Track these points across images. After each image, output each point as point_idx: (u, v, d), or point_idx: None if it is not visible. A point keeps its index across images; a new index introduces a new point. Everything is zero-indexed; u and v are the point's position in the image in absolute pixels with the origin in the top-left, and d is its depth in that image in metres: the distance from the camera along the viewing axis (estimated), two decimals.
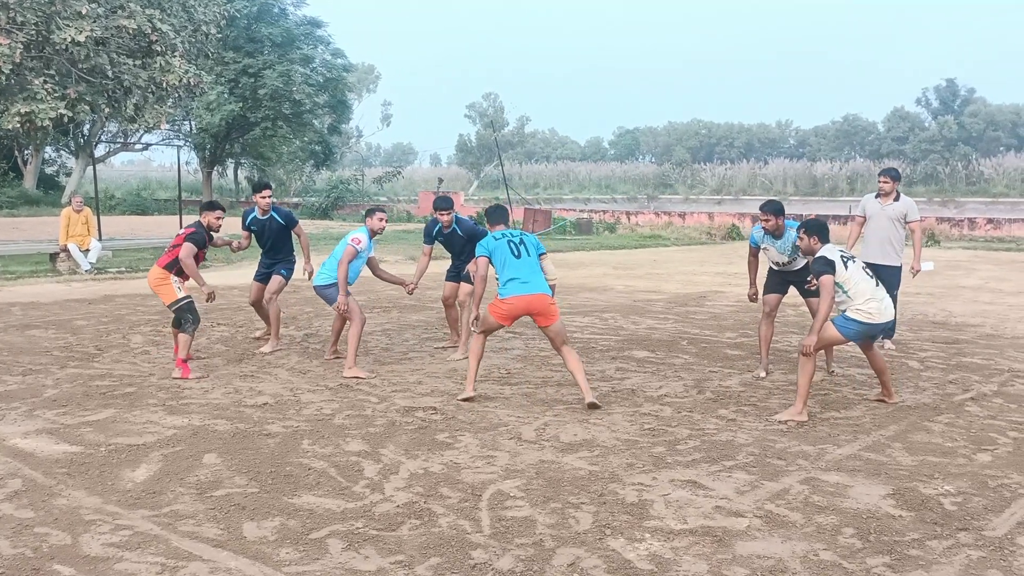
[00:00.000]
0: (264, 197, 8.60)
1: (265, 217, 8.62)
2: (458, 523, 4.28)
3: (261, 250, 8.84)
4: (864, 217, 8.99)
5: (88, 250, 15.55)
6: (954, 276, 15.93)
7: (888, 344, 8.85)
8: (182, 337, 7.45)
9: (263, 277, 8.72)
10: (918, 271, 8.91)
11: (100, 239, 16.56)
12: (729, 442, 5.63)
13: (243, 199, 42.19)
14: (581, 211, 34.92)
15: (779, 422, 6.10)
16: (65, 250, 15.53)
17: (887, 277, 8.89)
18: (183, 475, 4.95)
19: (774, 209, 7.37)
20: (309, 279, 8.87)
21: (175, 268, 7.47)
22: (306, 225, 11.30)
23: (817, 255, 6.34)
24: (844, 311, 6.28)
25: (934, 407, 6.57)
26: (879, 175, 9.03)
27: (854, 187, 57.77)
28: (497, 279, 6.61)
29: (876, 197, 8.92)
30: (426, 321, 10.42)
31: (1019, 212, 34.69)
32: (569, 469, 5.08)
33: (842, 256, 6.29)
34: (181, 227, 17.13)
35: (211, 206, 7.86)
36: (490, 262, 6.68)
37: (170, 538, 4.09)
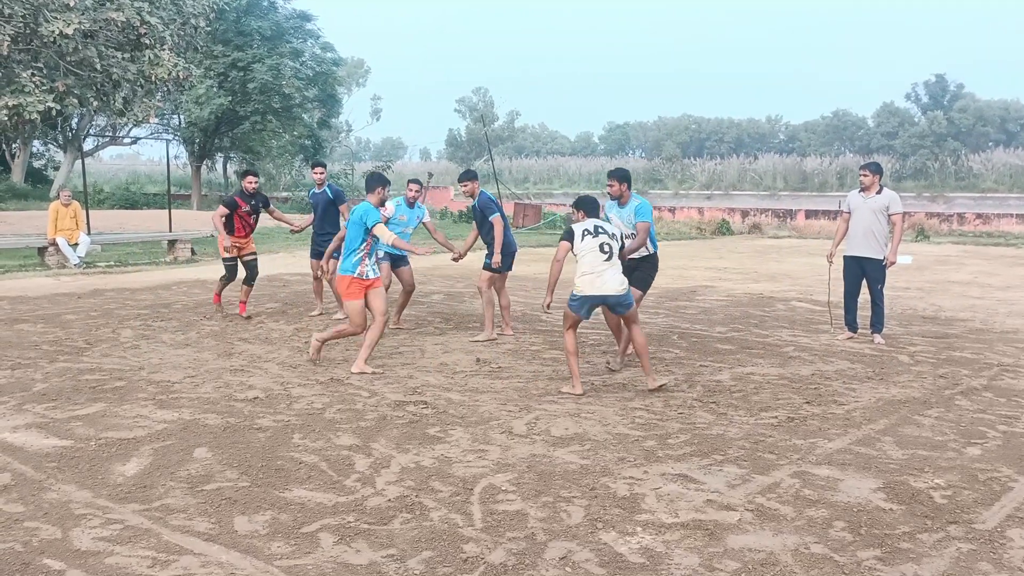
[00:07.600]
0: (319, 174, 10.04)
1: (320, 192, 10.09)
2: (450, 517, 4.28)
3: (313, 228, 10.21)
4: (849, 212, 9.07)
5: (77, 244, 15.48)
6: (943, 271, 16.01)
7: (878, 339, 8.89)
8: (219, 284, 10.17)
9: (316, 255, 10.02)
10: (892, 263, 8.92)
11: (89, 233, 16.49)
12: (720, 436, 5.65)
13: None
14: (571, 206, 34.87)
15: (560, 392, 6.63)
16: (53, 244, 15.46)
17: (871, 271, 8.92)
18: (174, 469, 4.93)
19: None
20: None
21: (228, 227, 9.72)
22: (296, 220, 11.48)
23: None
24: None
25: (924, 401, 6.60)
26: (860, 169, 9.16)
27: (844, 182, 58.07)
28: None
29: (859, 192, 9.01)
30: (416, 315, 10.41)
31: (1007, 207, 34.91)
32: (560, 463, 5.09)
33: (586, 230, 6.62)
34: (170, 221, 17.92)
35: (245, 172, 9.95)
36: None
37: (161, 532, 4.07)
